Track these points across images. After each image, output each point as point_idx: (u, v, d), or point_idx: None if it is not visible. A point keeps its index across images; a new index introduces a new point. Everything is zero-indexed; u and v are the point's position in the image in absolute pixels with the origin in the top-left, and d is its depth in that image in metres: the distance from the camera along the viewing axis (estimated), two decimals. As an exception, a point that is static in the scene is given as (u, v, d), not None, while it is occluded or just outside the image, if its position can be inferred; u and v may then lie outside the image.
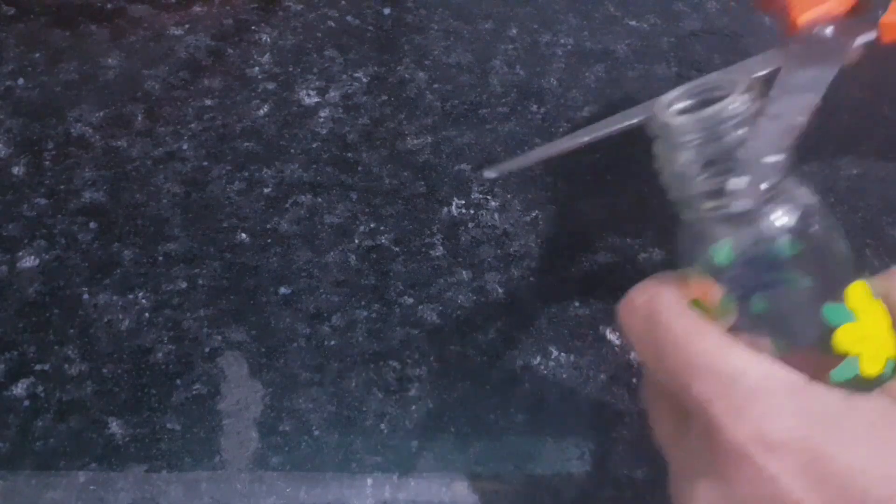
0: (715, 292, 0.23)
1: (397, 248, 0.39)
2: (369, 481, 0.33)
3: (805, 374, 0.22)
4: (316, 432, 0.34)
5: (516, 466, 0.33)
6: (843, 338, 0.22)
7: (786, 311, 0.23)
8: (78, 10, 0.48)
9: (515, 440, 0.34)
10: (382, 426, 0.34)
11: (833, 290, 0.23)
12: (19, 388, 0.34)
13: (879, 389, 0.22)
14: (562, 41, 0.48)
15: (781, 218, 0.22)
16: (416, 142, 0.44)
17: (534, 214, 0.41)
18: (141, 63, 0.46)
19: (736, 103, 0.22)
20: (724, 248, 0.23)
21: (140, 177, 0.41)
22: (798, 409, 0.21)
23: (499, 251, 0.39)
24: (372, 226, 0.40)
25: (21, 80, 0.45)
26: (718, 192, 0.22)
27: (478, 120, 0.45)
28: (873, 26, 0.28)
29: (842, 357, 0.22)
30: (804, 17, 0.28)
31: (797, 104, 0.23)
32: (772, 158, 0.21)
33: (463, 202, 0.41)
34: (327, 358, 0.36)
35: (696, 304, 0.24)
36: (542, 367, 0.36)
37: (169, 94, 0.45)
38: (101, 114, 0.44)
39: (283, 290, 0.38)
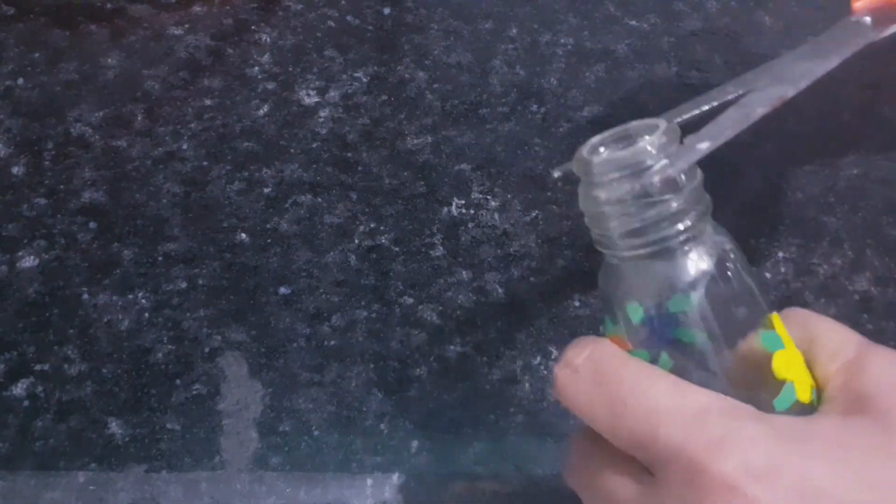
0: (665, 342, 0.23)
1: (397, 248, 0.39)
2: (369, 481, 0.33)
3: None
4: (316, 432, 0.34)
5: (516, 466, 0.33)
6: (780, 364, 0.23)
7: (688, 367, 0.23)
8: (78, 10, 0.48)
9: (515, 440, 0.34)
10: (382, 426, 0.34)
11: (764, 320, 0.23)
12: (19, 388, 0.34)
13: (818, 413, 0.23)
14: (562, 41, 0.48)
15: (699, 261, 0.23)
16: (416, 142, 0.44)
17: (534, 214, 0.41)
18: (141, 63, 0.46)
19: (654, 144, 0.22)
20: (637, 306, 0.23)
21: (140, 177, 0.41)
22: (771, 435, 0.21)
23: (499, 251, 0.39)
24: (372, 226, 0.40)
25: (21, 80, 0.45)
26: (638, 232, 0.22)
27: (478, 120, 0.45)
28: None
29: (780, 385, 0.23)
30: (860, 3, 0.28)
31: (768, 95, 0.23)
32: (703, 144, 0.22)
33: (463, 202, 0.41)
34: (327, 358, 0.36)
35: (634, 353, 0.24)
36: (542, 367, 0.36)
37: (169, 93, 0.45)
38: (101, 114, 0.44)
39: (282, 290, 0.38)
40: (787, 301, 0.38)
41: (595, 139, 0.24)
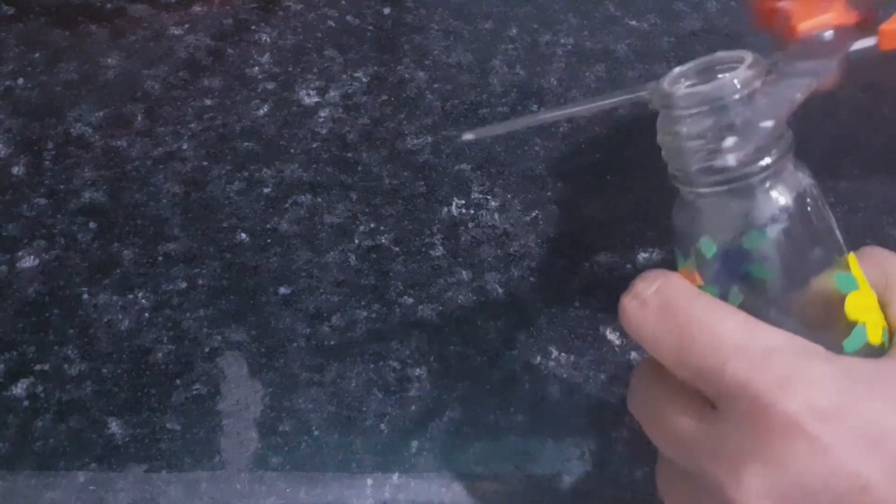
0: (740, 277, 0.23)
1: (397, 248, 0.39)
2: (369, 481, 0.33)
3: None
4: (316, 432, 0.34)
5: (516, 466, 0.33)
6: (854, 306, 0.22)
7: (759, 304, 0.22)
8: (78, 10, 0.48)
9: (515, 440, 0.34)
10: (382, 426, 0.34)
11: (841, 261, 0.23)
12: (19, 388, 0.34)
13: (887, 356, 0.22)
14: (562, 41, 0.48)
15: (778, 197, 0.22)
16: (416, 142, 0.44)
17: (534, 214, 0.41)
18: (141, 63, 0.46)
19: (739, 78, 0.21)
20: (711, 242, 0.23)
21: (140, 177, 0.41)
22: (839, 377, 0.21)
23: (499, 251, 0.39)
24: (372, 226, 0.40)
25: (21, 80, 0.45)
26: (718, 170, 0.22)
27: (478, 120, 0.45)
28: (873, 33, 0.28)
29: (852, 326, 0.22)
30: (804, 25, 0.28)
31: (795, 85, 0.23)
32: (766, 123, 0.21)
33: (463, 202, 0.41)
34: (327, 358, 0.36)
35: (705, 288, 0.23)
36: (542, 367, 0.36)
37: (169, 93, 0.45)
38: (101, 114, 0.44)
39: (282, 290, 0.38)
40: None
41: (677, 70, 0.23)
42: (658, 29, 0.49)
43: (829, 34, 0.28)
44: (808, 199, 0.23)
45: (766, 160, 0.22)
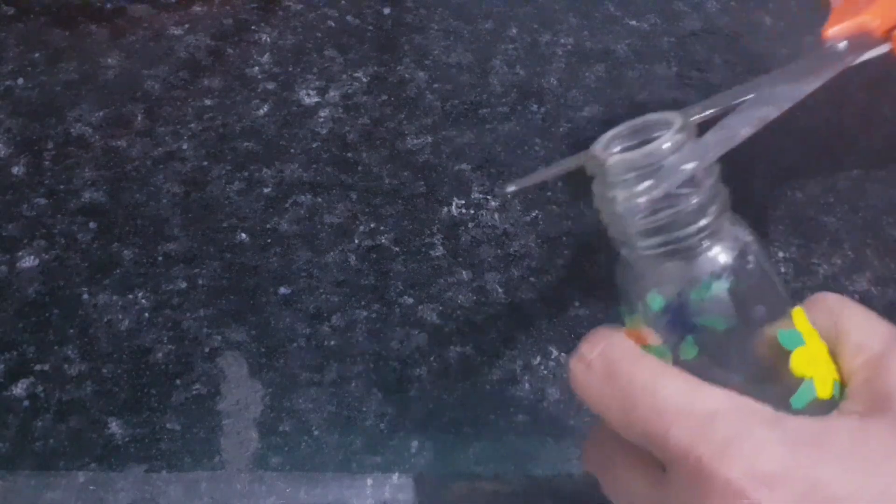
0: (652, 340, 0.23)
1: (397, 248, 0.39)
2: (369, 481, 0.33)
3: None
4: (316, 432, 0.34)
5: (516, 466, 0.33)
6: (799, 361, 0.22)
7: (709, 359, 0.23)
8: (78, 10, 0.48)
9: (515, 440, 0.34)
10: (382, 426, 0.34)
11: (784, 317, 0.23)
12: (19, 388, 0.34)
13: (837, 411, 0.22)
14: (562, 41, 0.48)
15: (718, 256, 0.22)
16: (416, 142, 0.44)
17: (534, 214, 0.41)
18: (141, 63, 0.46)
19: (669, 143, 0.22)
20: (657, 295, 0.23)
21: (140, 177, 0.41)
22: (782, 440, 0.20)
23: (499, 251, 0.39)
24: (372, 226, 0.40)
25: (21, 80, 0.45)
26: (656, 231, 0.22)
27: (478, 120, 0.45)
28: (887, 39, 0.28)
29: (798, 382, 0.22)
30: (833, 31, 0.28)
31: (752, 115, 0.23)
32: (689, 165, 0.21)
33: (463, 202, 0.41)
34: (327, 358, 0.36)
35: (649, 349, 0.23)
36: (542, 367, 0.36)
37: (169, 93, 0.45)
38: (101, 114, 0.44)
39: (282, 290, 0.38)
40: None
41: (609, 134, 0.23)
42: (658, 29, 0.49)
43: (843, 45, 0.27)
44: (749, 256, 0.23)
45: (703, 221, 0.22)
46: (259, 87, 0.45)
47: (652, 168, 0.22)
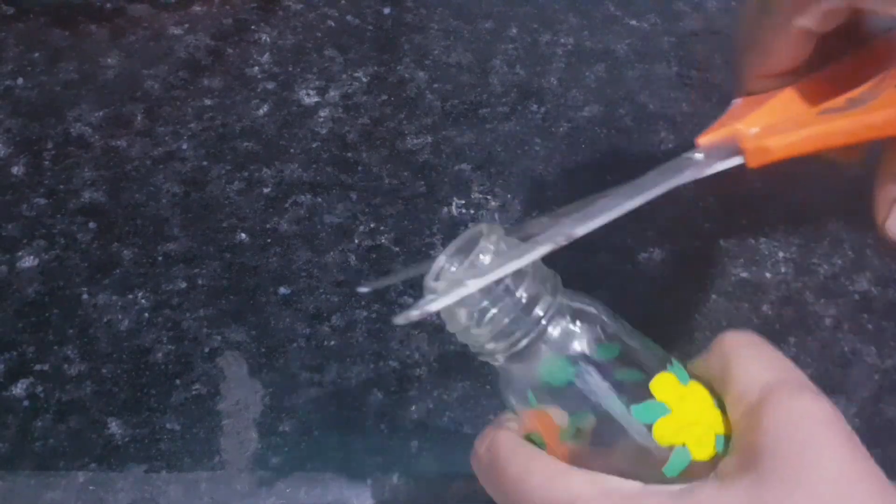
0: (554, 421, 0.24)
1: (397, 248, 0.39)
2: (369, 481, 0.33)
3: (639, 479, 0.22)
4: (315, 432, 0.34)
5: (516, 467, 0.33)
6: (663, 432, 0.23)
7: (591, 434, 0.23)
8: (77, 10, 0.48)
9: (515, 440, 0.34)
10: (382, 426, 0.34)
11: (640, 390, 0.23)
12: (19, 389, 0.34)
13: (713, 473, 0.22)
14: (562, 41, 0.48)
15: (571, 335, 0.23)
16: (416, 141, 0.44)
17: (534, 214, 0.41)
18: (140, 63, 0.46)
19: (481, 254, 0.23)
20: (547, 379, 0.24)
21: (139, 177, 0.41)
22: None
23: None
24: (372, 226, 0.40)
25: (20, 80, 0.45)
26: (500, 335, 0.23)
27: (478, 120, 0.45)
28: (740, 152, 0.29)
29: (670, 450, 0.23)
30: (703, 139, 0.29)
31: (558, 232, 0.24)
32: (473, 281, 0.22)
33: (463, 202, 0.41)
34: (327, 358, 0.36)
35: (533, 437, 0.24)
36: (542, 368, 0.36)
37: (168, 93, 0.45)
38: (101, 113, 0.44)
39: (282, 290, 0.38)
40: (787, 301, 0.39)
41: (438, 260, 0.24)
42: (658, 29, 0.49)
43: (699, 155, 0.28)
44: (597, 330, 0.24)
45: (538, 309, 0.23)
46: (259, 86, 0.45)
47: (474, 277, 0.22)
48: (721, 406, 0.24)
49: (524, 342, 0.23)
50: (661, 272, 0.40)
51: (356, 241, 0.40)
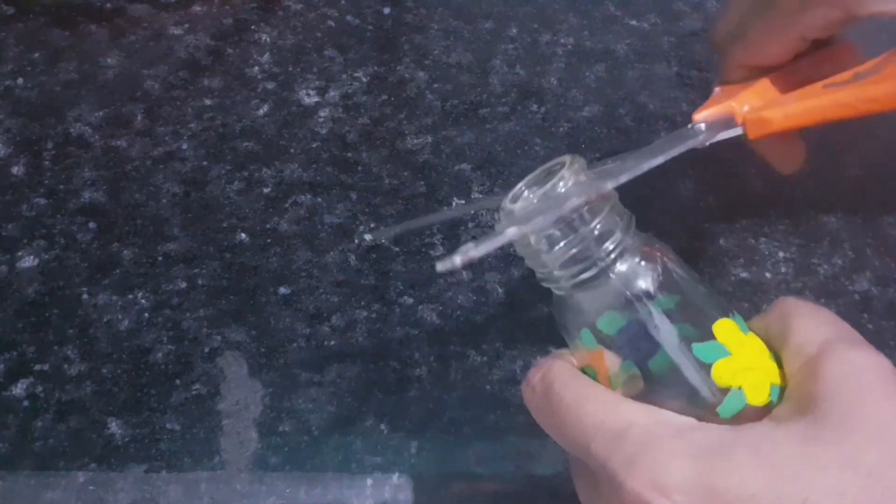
0: (612, 360, 0.24)
1: (397, 248, 0.39)
2: (369, 482, 0.33)
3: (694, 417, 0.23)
4: (315, 432, 0.34)
5: (517, 467, 0.33)
6: (722, 372, 0.23)
7: (678, 368, 0.24)
8: (77, 10, 0.48)
9: (515, 440, 0.34)
10: (382, 426, 0.34)
11: (703, 330, 0.24)
12: (19, 389, 0.34)
13: (767, 417, 0.23)
14: (562, 41, 0.48)
15: (637, 274, 0.24)
16: (416, 141, 0.44)
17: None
18: (140, 63, 0.46)
19: (563, 180, 0.24)
20: (608, 318, 0.24)
21: (139, 177, 0.41)
22: (686, 450, 0.22)
23: (499, 251, 0.39)
24: (372, 226, 0.40)
25: (20, 80, 0.45)
26: (571, 261, 0.24)
27: (478, 119, 0.45)
28: (736, 125, 0.31)
29: (726, 392, 0.23)
30: (699, 115, 0.31)
31: (588, 187, 0.24)
32: (574, 200, 0.23)
33: (463, 202, 0.41)
34: (327, 358, 0.36)
35: (588, 370, 0.25)
36: (543, 367, 0.36)
37: (168, 93, 0.45)
38: (101, 113, 0.44)
39: (282, 290, 0.38)
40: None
41: (517, 186, 0.25)
42: (658, 29, 0.49)
43: (702, 126, 0.30)
44: (664, 272, 0.24)
45: (611, 242, 0.24)
46: (259, 86, 0.45)
47: (552, 205, 0.23)
48: (777, 362, 0.24)
49: (591, 272, 0.24)
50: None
51: (356, 240, 0.40)
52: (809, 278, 0.39)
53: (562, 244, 0.24)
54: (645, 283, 0.24)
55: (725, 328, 0.24)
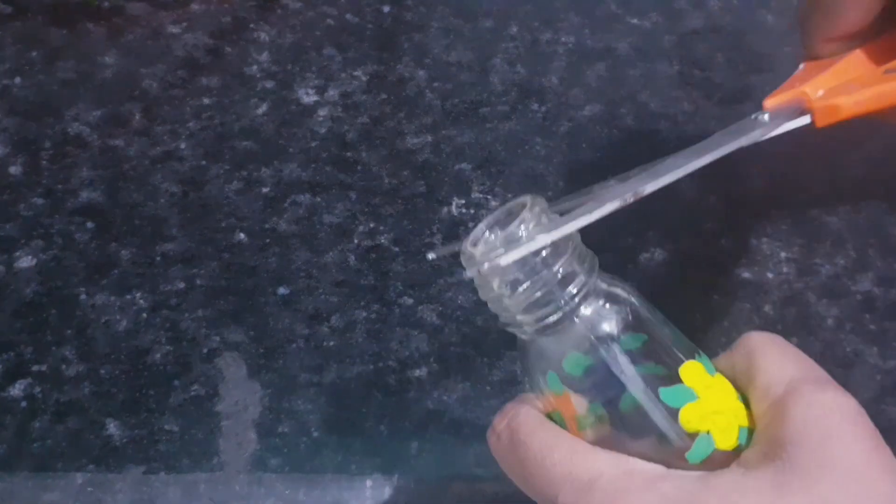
0: (579, 402, 0.24)
1: (397, 248, 0.39)
2: (368, 483, 0.33)
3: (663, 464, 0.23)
4: (315, 433, 0.34)
5: (517, 468, 0.33)
6: (690, 417, 0.23)
7: (645, 412, 0.23)
8: (75, 9, 0.48)
9: (516, 441, 0.34)
10: (382, 427, 0.34)
11: (669, 374, 0.24)
12: (17, 389, 0.34)
13: (736, 462, 0.22)
14: (563, 39, 0.48)
15: (602, 317, 0.24)
16: (415, 141, 0.43)
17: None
18: (138, 61, 0.46)
19: (523, 222, 0.23)
20: (574, 358, 0.24)
21: (138, 176, 0.41)
22: (656, 500, 0.21)
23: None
24: (371, 226, 0.40)
25: (18, 79, 0.45)
26: (534, 305, 0.23)
27: (478, 119, 0.44)
28: (806, 113, 0.30)
29: (694, 436, 0.23)
30: (770, 101, 0.30)
31: (626, 188, 0.24)
32: (543, 237, 0.23)
33: (463, 202, 0.41)
34: (326, 359, 0.36)
35: (554, 415, 0.25)
36: (543, 368, 0.36)
37: (167, 92, 0.45)
38: (99, 113, 0.43)
39: (281, 290, 0.38)
40: (789, 301, 0.38)
41: (478, 228, 0.25)
42: (659, 27, 0.49)
43: (765, 116, 0.29)
44: (627, 315, 0.24)
45: (575, 285, 0.23)
46: (258, 85, 0.45)
47: (510, 248, 0.23)
48: (744, 402, 0.24)
49: (555, 317, 0.23)
50: (662, 272, 0.39)
51: (355, 240, 0.39)
52: (812, 278, 0.39)
53: (525, 287, 0.23)
54: (609, 326, 0.24)
55: (692, 371, 0.24)
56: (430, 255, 0.34)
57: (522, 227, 0.23)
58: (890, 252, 0.40)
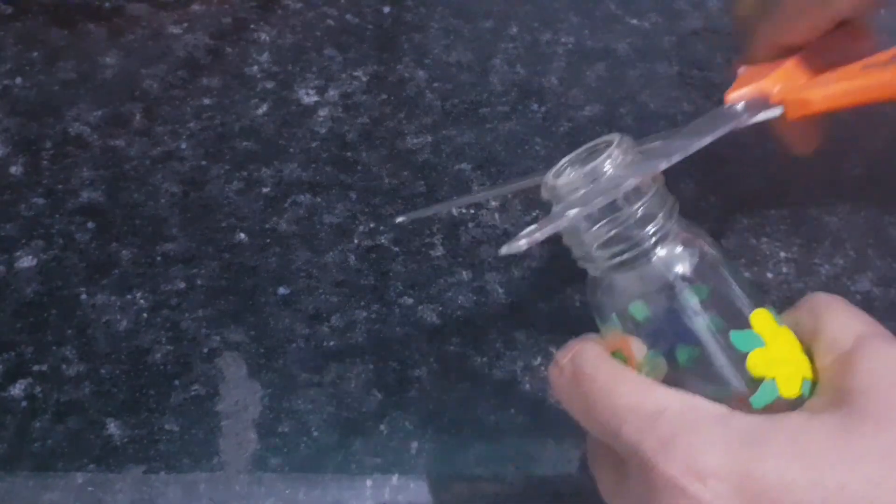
0: (638, 348, 0.24)
1: (397, 248, 0.39)
2: (369, 483, 0.33)
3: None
4: (315, 433, 0.34)
5: (517, 467, 0.33)
6: (756, 362, 0.23)
7: (675, 364, 0.24)
8: (76, 9, 0.48)
9: (516, 441, 0.34)
10: (382, 427, 0.34)
11: (740, 319, 0.24)
12: (17, 389, 0.34)
13: (801, 408, 0.23)
14: (563, 40, 0.48)
15: (671, 261, 0.24)
16: (415, 141, 0.43)
17: (534, 214, 0.41)
18: (139, 62, 0.46)
19: (611, 158, 0.23)
20: (641, 303, 0.24)
21: (138, 176, 0.41)
22: (722, 436, 0.21)
23: (499, 251, 0.39)
24: (371, 226, 0.40)
25: (19, 79, 0.45)
26: (611, 242, 0.24)
27: (478, 119, 0.44)
28: (780, 103, 0.30)
29: (759, 382, 0.23)
30: (732, 95, 0.31)
31: (640, 168, 0.24)
32: (629, 182, 0.23)
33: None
34: (326, 359, 0.36)
35: (617, 354, 0.25)
36: (542, 367, 0.36)
37: (167, 93, 0.45)
38: (99, 113, 0.43)
39: (281, 290, 0.38)
40: (789, 301, 0.38)
41: (561, 162, 0.25)
42: (659, 28, 0.49)
43: (741, 105, 0.30)
44: (702, 260, 0.24)
45: (654, 226, 0.23)
46: (258, 86, 0.45)
47: (596, 182, 0.23)
48: (807, 357, 0.24)
49: (631, 254, 0.23)
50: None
51: (355, 240, 0.39)
52: (811, 278, 0.39)
53: (603, 223, 0.23)
54: (684, 268, 0.24)
55: (762, 318, 0.24)
56: (399, 219, 0.33)
57: (609, 162, 0.23)
58: (889, 252, 0.40)
